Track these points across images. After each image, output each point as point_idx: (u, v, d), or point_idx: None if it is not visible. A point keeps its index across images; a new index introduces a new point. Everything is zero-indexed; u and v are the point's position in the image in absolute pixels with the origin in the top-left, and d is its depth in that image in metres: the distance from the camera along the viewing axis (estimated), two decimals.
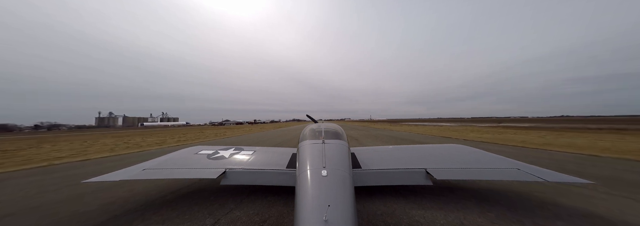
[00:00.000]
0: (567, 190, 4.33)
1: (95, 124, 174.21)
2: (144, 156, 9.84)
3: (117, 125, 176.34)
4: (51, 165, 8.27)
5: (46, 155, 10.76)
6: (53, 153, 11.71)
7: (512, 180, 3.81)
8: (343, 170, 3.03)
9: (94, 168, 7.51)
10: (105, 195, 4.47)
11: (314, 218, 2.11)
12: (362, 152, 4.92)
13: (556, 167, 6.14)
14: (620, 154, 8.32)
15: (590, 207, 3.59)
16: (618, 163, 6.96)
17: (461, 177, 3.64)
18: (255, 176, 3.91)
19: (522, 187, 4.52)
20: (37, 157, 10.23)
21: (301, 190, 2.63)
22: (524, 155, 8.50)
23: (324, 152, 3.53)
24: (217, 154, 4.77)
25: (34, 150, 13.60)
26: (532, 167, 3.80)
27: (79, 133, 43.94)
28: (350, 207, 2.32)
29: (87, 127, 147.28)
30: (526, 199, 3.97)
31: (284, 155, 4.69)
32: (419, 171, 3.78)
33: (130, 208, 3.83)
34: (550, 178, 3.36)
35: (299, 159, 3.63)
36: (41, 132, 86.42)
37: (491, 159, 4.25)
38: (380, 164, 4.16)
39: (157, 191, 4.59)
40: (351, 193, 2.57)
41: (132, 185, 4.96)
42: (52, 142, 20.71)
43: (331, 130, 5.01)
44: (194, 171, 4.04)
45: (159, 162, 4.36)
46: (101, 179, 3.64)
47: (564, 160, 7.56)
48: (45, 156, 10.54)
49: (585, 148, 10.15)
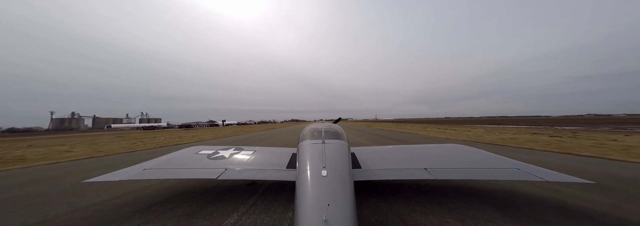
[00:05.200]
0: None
1: (49, 127, 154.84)
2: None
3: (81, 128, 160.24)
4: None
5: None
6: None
7: (512, 180, 3.84)
8: (343, 170, 3.05)
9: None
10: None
11: (314, 218, 2.12)
12: (362, 152, 4.94)
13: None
14: (502, 142, 13.37)
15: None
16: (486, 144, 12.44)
17: (461, 177, 3.63)
18: (255, 176, 3.91)
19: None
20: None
21: (301, 190, 2.64)
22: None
23: (324, 152, 3.58)
24: (217, 154, 4.79)
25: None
26: (532, 167, 3.78)
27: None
28: (350, 207, 2.34)
29: (32, 131, 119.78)
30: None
31: (284, 155, 4.73)
32: (419, 171, 3.79)
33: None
34: (550, 178, 3.36)
35: (299, 159, 3.68)
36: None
37: (491, 159, 4.24)
38: (380, 164, 4.19)
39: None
40: (351, 193, 2.59)
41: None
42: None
43: (331, 130, 5.09)
44: (194, 171, 4.06)
45: (160, 162, 4.34)
46: (101, 179, 3.60)
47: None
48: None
49: (493, 139, 15.14)
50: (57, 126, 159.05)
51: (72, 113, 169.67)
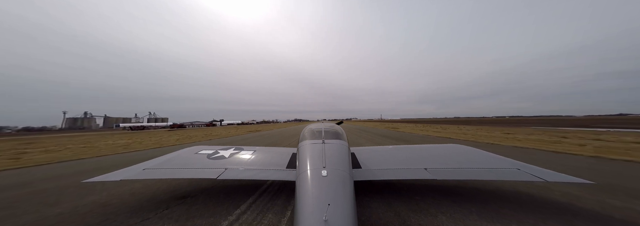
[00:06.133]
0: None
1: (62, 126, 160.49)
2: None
3: (93, 127, 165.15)
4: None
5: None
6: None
7: (512, 180, 3.83)
8: (343, 170, 3.05)
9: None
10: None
11: (314, 218, 2.13)
12: (362, 152, 4.95)
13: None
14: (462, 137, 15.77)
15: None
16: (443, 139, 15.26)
17: (461, 177, 3.63)
18: (256, 176, 3.89)
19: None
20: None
21: (301, 190, 2.64)
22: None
23: (324, 152, 3.57)
24: (217, 154, 4.79)
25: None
26: (532, 167, 3.78)
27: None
28: (350, 207, 2.34)
29: (47, 130, 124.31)
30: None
31: (284, 155, 4.73)
32: (419, 171, 3.78)
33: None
34: (550, 178, 3.35)
35: (299, 159, 3.67)
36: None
37: (491, 159, 4.23)
38: (380, 164, 4.19)
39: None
40: (351, 193, 2.59)
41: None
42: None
43: (331, 130, 5.08)
44: (194, 171, 4.06)
45: (159, 162, 4.36)
46: (101, 179, 3.62)
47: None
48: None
49: (465, 136, 17.12)
50: (71, 125, 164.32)
51: (85, 113, 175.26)
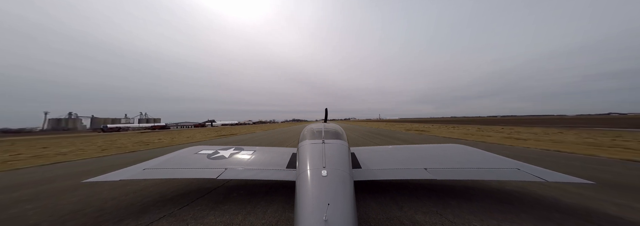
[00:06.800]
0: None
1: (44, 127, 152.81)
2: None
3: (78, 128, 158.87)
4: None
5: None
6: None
7: (512, 180, 3.84)
8: (343, 170, 3.06)
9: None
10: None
11: (314, 217, 2.12)
12: (362, 152, 4.96)
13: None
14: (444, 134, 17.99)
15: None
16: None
17: (461, 177, 3.63)
18: (256, 176, 3.91)
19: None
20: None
21: (301, 190, 2.64)
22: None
23: (324, 152, 3.58)
24: (217, 154, 4.79)
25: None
26: (533, 167, 3.78)
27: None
28: (350, 207, 2.33)
29: (25, 132, 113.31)
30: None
31: (284, 155, 4.74)
32: (419, 171, 3.80)
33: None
34: (550, 178, 3.36)
35: (299, 159, 3.68)
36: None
37: (491, 159, 4.23)
38: (380, 164, 4.21)
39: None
40: (351, 193, 2.59)
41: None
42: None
43: (331, 130, 5.09)
44: (194, 171, 4.06)
45: (159, 162, 4.34)
46: (101, 179, 3.60)
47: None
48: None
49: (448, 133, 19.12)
50: (54, 126, 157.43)
51: (69, 114, 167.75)
